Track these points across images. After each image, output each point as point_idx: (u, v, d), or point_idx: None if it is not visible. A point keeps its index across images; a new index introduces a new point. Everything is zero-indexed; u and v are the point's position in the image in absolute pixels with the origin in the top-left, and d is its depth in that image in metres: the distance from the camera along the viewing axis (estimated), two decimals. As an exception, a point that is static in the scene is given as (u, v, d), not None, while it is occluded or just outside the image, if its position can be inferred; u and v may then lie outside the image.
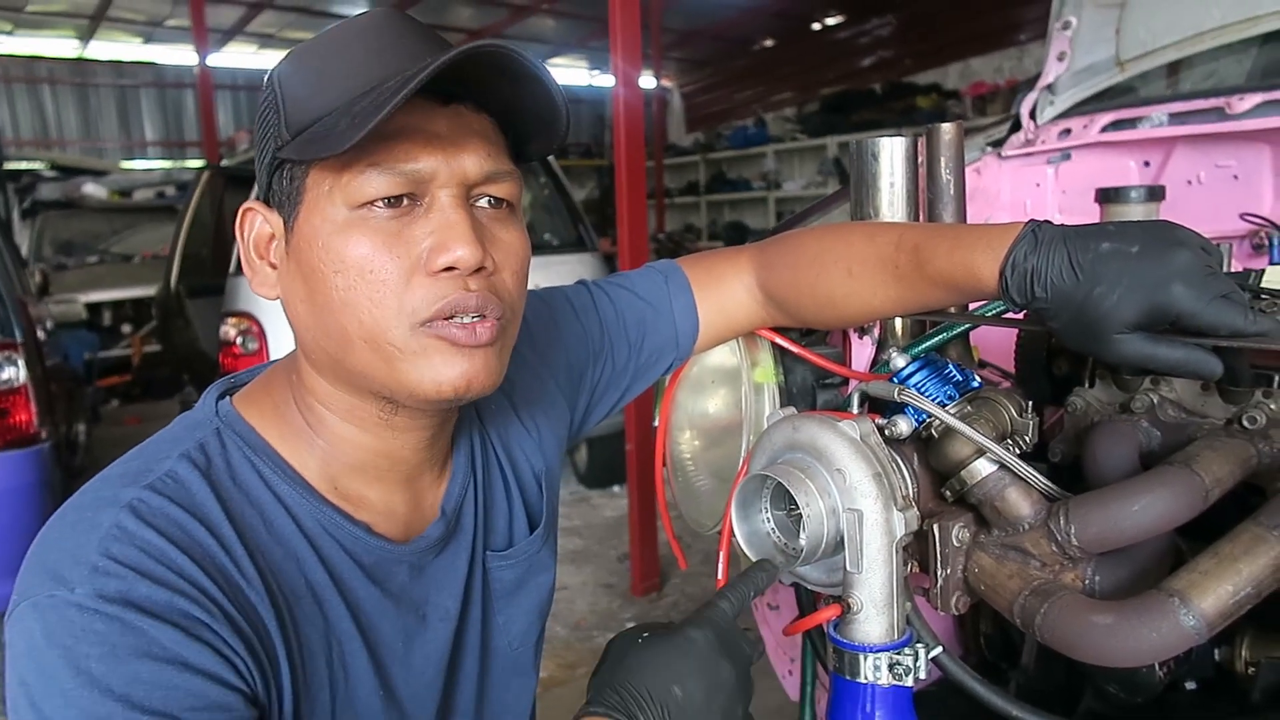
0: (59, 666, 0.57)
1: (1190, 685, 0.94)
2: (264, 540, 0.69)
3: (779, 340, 1.04)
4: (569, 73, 14.45)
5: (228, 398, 0.77)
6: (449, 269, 0.66)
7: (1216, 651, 0.89)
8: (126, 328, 7.46)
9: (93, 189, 8.55)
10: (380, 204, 0.66)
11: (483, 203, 0.71)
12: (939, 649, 0.81)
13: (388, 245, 0.66)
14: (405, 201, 0.67)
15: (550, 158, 4.87)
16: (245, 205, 0.74)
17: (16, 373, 2.71)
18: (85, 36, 11.58)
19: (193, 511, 0.65)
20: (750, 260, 1.00)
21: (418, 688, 0.79)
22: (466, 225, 0.67)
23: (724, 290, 1.01)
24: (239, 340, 3.58)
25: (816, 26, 11.61)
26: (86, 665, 0.57)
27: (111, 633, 0.58)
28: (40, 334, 3.43)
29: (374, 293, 0.66)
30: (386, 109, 0.60)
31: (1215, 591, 0.65)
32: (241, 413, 0.74)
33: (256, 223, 0.73)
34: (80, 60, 12.42)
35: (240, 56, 12.54)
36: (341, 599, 0.73)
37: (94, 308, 7.23)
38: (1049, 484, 0.80)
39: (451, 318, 0.67)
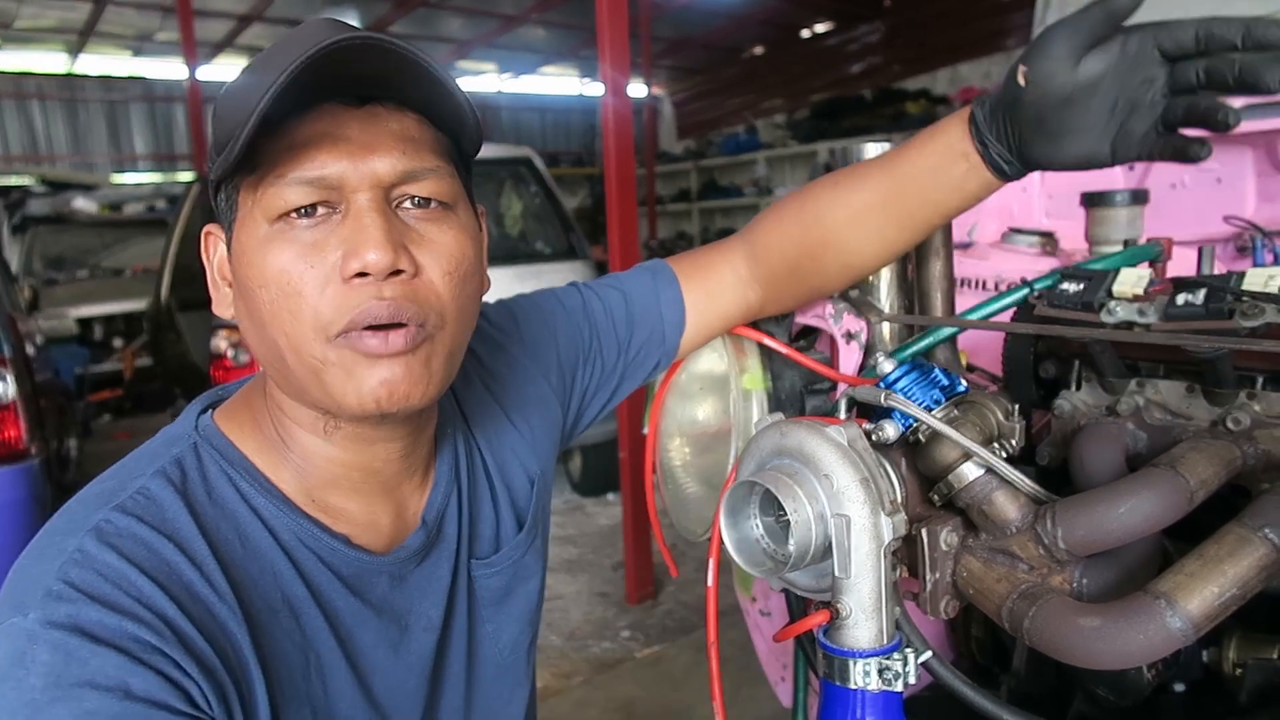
0: (12, 697, 0.57)
1: (1179, 687, 0.94)
2: (239, 555, 0.69)
3: (767, 341, 1.04)
4: (559, 82, 14.48)
5: (209, 412, 0.77)
6: (362, 274, 0.65)
7: (1204, 653, 0.89)
8: (117, 342, 7.44)
9: (83, 203, 8.53)
10: (295, 215, 0.66)
11: (408, 204, 0.69)
12: (929, 654, 0.81)
13: (304, 256, 0.65)
14: (320, 210, 0.66)
15: (541, 166, 4.88)
16: (206, 229, 0.74)
17: (6, 388, 2.69)
18: (74, 51, 11.57)
19: (161, 529, 0.65)
20: (736, 240, 1.01)
21: (400, 697, 0.79)
22: (378, 228, 0.65)
23: (710, 276, 1.01)
24: (230, 353, 3.58)
25: (806, 34, 11.68)
26: (33, 696, 0.56)
27: (55, 662, 0.57)
28: (30, 349, 3.42)
29: (292, 305, 0.65)
30: (250, 122, 0.60)
31: (1201, 593, 0.66)
32: (221, 427, 0.74)
33: (218, 246, 0.74)
34: (69, 75, 12.40)
35: (230, 69, 12.54)
36: (320, 611, 0.72)
37: (85, 322, 7.22)
38: (1036, 487, 0.80)
39: (369, 328, 0.66)
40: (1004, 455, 0.83)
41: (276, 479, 0.73)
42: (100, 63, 12.34)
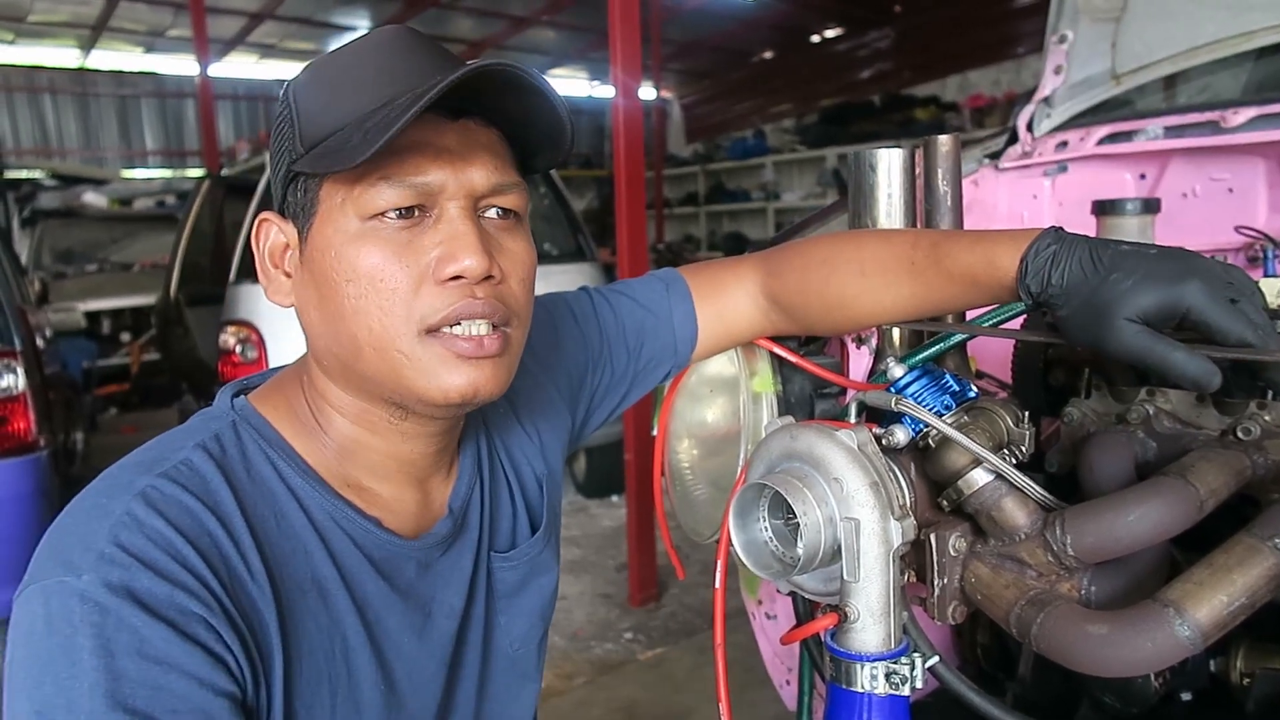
0: (57, 654, 0.58)
1: (1186, 696, 0.94)
2: (273, 533, 0.70)
3: (777, 349, 1.04)
4: (569, 84, 14.49)
5: (243, 395, 0.78)
6: (457, 278, 0.68)
7: (1212, 662, 0.89)
8: (125, 336, 7.47)
9: (93, 198, 8.57)
10: (391, 215, 0.68)
11: (490, 213, 0.73)
12: (935, 659, 0.82)
13: (398, 255, 0.68)
14: (415, 213, 0.69)
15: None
16: (261, 216, 0.76)
17: (15, 381, 2.71)
18: (87, 46, 11.61)
19: (205, 500, 0.66)
20: (754, 268, 1.01)
21: (419, 683, 0.80)
22: (474, 235, 0.69)
23: (725, 298, 1.01)
24: (238, 349, 3.58)
25: (815, 39, 11.67)
26: (80, 656, 0.58)
27: (106, 626, 0.58)
28: (39, 342, 3.43)
29: (384, 301, 0.68)
30: (398, 125, 0.62)
31: (1210, 602, 0.66)
32: (257, 408, 0.76)
33: (272, 233, 0.76)
34: (81, 70, 12.45)
35: (241, 66, 12.57)
36: (348, 594, 0.74)
37: (93, 316, 7.25)
38: (1045, 494, 0.80)
39: (457, 325, 0.69)
40: (1013, 462, 0.83)
41: (312, 461, 0.75)
42: (112, 58, 12.38)
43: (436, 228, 0.69)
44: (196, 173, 11.17)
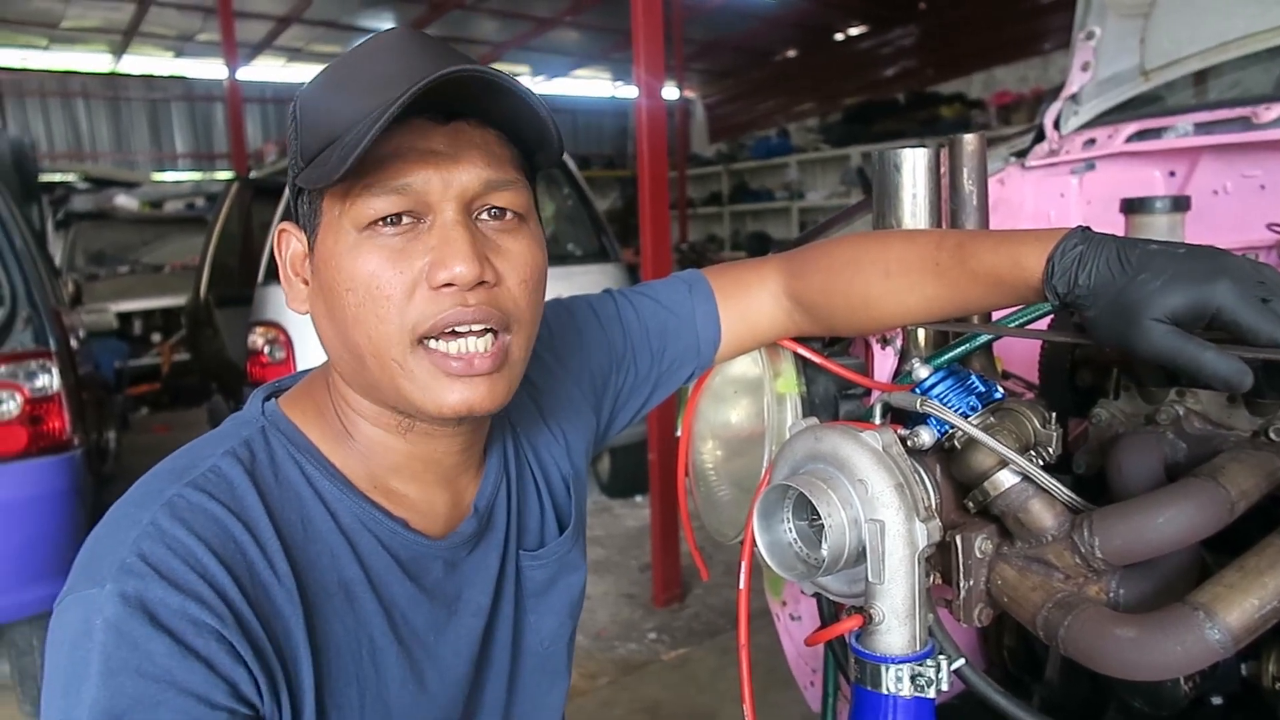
0: (75, 668, 0.60)
1: (1216, 700, 0.93)
2: (300, 538, 0.71)
3: (801, 350, 1.04)
4: (592, 84, 14.53)
5: (273, 399, 0.79)
6: (449, 284, 0.68)
7: (1243, 666, 0.88)
8: (156, 337, 7.58)
9: (124, 200, 8.70)
10: (383, 223, 0.69)
11: (488, 215, 0.72)
12: (961, 661, 0.81)
13: (392, 262, 0.69)
14: (407, 220, 0.69)
15: (574, 168, 4.89)
16: (281, 226, 0.77)
17: (50, 381, 2.75)
18: (118, 51, 11.80)
19: (232, 507, 0.68)
20: (777, 268, 1.01)
21: (448, 682, 0.81)
22: (464, 241, 0.68)
23: (749, 298, 1.01)
24: (266, 349, 3.63)
25: (839, 37, 11.62)
26: (88, 672, 0.60)
27: (109, 644, 0.60)
28: (73, 343, 3.48)
29: (379, 309, 0.69)
30: (366, 139, 0.62)
31: (1241, 605, 0.65)
32: (286, 413, 0.77)
33: (292, 243, 0.77)
34: (113, 74, 12.65)
35: (269, 70, 12.72)
36: (375, 596, 0.75)
37: (125, 317, 7.36)
38: (1073, 496, 0.79)
39: (452, 340, 0.69)
40: (1040, 463, 0.83)
41: (340, 464, 0.76)
42: (143, 62, 12.57)
43: (430, 233, 0.69)
44: (225, 175, 11.31)
